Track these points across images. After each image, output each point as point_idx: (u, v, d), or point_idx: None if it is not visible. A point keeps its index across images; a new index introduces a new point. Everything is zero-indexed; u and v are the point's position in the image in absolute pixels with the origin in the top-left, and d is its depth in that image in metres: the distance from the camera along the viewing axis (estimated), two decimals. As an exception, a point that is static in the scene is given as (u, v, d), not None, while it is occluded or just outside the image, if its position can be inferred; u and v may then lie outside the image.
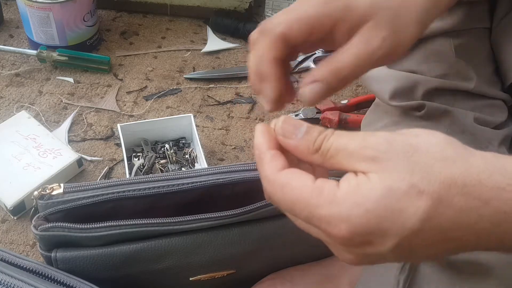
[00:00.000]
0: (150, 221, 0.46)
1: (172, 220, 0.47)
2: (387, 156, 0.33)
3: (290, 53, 0.44)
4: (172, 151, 0.81)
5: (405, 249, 0.33)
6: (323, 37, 0.43)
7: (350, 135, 0.36)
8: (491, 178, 0.32)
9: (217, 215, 0.48)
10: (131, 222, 0.46)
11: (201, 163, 0.79)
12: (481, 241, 0.32)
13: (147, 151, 0.81)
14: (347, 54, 0.42)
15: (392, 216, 0.32)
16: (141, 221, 0.46)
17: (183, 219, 0.47)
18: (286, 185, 0.35)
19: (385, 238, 0.33)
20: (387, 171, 0.33)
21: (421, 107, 0.64)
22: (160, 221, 0.46)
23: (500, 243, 0.32)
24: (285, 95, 0.44)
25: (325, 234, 0.34)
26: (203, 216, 0.47)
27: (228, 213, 0.48)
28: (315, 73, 0.42)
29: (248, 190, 0.50)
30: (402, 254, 0.34)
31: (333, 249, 0.37)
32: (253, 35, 0.44)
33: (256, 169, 0.51)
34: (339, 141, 0.35)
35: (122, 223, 0.45)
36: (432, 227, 0.32)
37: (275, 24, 0.42)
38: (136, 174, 0.77)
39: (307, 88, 0.42)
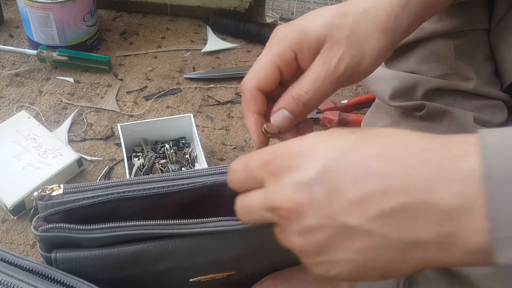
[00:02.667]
0: (151, 224, 0.46)
1: (172, 223, 0.47)
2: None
3: (281, 87, 0.47)
4: (172, 151, 0.81)
5: (330, 182, 0.33)
6: (296, 69, 0.46)
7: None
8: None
9: (217, 219, 0.47)
10: (132, 224, 0.46)
11: (201, 163, 0.79)
12: (406, 180, 0.31)
13: (147, 151, 0.81)
14: (306, 79, 0.45)
15: (316, 143, 0.35)
16: (141, 223, 0.46)
17: (184, 222, 0.47)
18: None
19: (308, 159, 0.35)
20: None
21: (421, 108, 0.64)
22: (160, 223, 0.46)
23: (431, 185, 0.31)
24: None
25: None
26: (204, 220, 0.47)
27: (228, 219, 0.47)
28: (280, 101, 0.46)
29: None
30: (329, 190, 0.33)
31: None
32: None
33: None
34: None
35: (122, 225, 0.45)
36: (355, 152, 0.33)
37: (247, 81, 0.46)
38: (136, 174, 0.77)
39: (273, 117, 0.46)
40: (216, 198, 0.51)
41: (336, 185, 0.33)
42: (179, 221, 0.47)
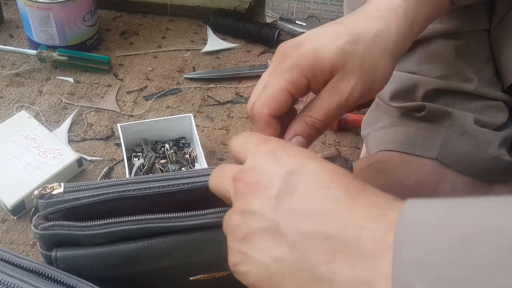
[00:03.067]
0: (150, 218, 0.46)
1: (172, 216, 0.46)
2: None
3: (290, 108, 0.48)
4: (172, 151, 0.81)
5: (292, 183, 0.35)
6: (307, 91, 0.47)
7: None
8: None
9: (219, 209, 0.47)
10: (131, 219, 0.45)
11: (201, 163, 0.79)
12: (349, 213, 0.32)
13: (147, 151, 0.81)
14: (319, 107, 0.45)
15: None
16: (140, 218, 0.46)
17: (184, 214, 0.47)
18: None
19: (291, 158, 0.37)
20: None
21: (422, 108, 0.64)
22: (159, 217, 0.46)
23: (364, 224, 0.32)
24: None
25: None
26: (204, 212, 0.47)
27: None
28: (293, 127, 0.46)
29: None
30: (285, 189, 0.35)
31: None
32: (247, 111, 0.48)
33: None
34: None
35: (122, 220, 0.45)
36: (326, 169, 0.35)
37: (259, 108, 0.45)
38: (136, 174, 0.77)
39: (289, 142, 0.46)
40: (217, 198, 0.50)
41: (294, 188, 0.34)
42: (179, 214, 0.47)
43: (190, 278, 0.52)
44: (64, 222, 0.45)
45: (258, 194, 0.35)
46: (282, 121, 0.47)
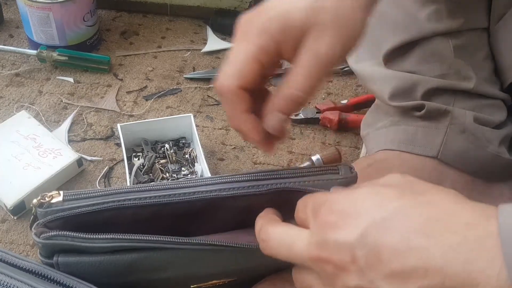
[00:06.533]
0: (152, 238, 0.44)
1: (175, 241, 0.45)
2: None
3: (261, 81, 0.45)
4: (172, 151, 0.81)
5: (371, 248, 0.33)
6: (278, 59, 0.44)
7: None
8: None
9: (222, 239, 0.46)
10: (135, 238, 0.44)
11: (201, 163, 0.79)
12: (446, 261, 0.32)
13: (147, 151, 0.81)
14: (299, 77, 0.42)
15: (360, 203, 0.36)
16: (145, 238, 0.44)
17: (185, 240, 0.45)
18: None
19: (351, 220, 0.35)
20: None
21: (421, 107, 0.64)
22: (163, 240, 0.44)
23: (470, 266, 0.31)
24: (271, 136, 0.45)
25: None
26: (206, 242, 0.45)
27: (231, 243, 0.46)
28: (273, 103, 0.43)
29: (250, 204, 0.49)
30: (370, 256, 0.34)
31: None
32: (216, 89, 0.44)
33: (259, 179, 0.49)
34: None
35: (125, 238, 0.44)
36: (398, 221, 0.34)
37: (230, 81, 0.42)
38: (136, 174, 0.77)
39: (268, 121, 0.44)
40: (218, 209, 0.50)
41: (377, 252, 0.33)
42: (183, 239, 0.45)
43: (191, 286, 0.52)
44: (66, 233, 0.44)
45: (351, 271, 0.35)
46: (254, 99, 0.44)
